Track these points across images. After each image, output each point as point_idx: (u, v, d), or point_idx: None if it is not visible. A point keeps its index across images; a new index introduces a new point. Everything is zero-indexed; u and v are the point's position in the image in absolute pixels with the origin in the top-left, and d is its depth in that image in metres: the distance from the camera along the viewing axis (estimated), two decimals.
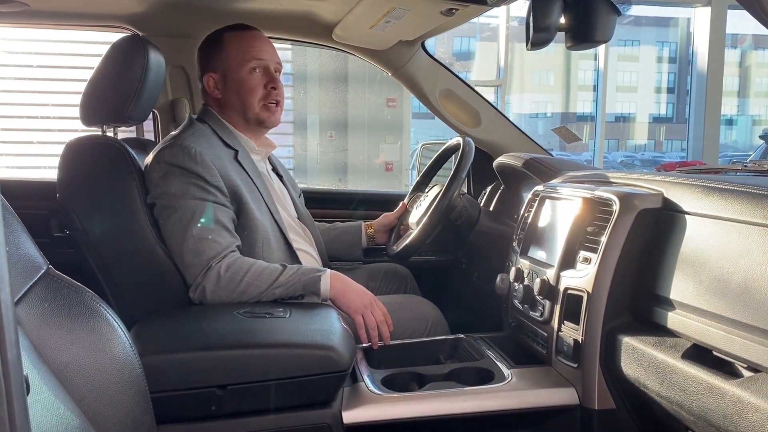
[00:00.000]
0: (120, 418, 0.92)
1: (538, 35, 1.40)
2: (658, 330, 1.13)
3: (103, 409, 0.89)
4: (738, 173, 1.58)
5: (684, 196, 1.14)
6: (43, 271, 0.91)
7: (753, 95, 14.06)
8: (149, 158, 1.55)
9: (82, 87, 1.64)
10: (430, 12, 1.72)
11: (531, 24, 1.41)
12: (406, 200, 2.02)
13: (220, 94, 1.68)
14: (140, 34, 1.99)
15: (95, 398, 0.89)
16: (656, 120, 14.58)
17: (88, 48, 4.61)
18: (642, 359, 1.11)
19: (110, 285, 1.49)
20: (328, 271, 1.49)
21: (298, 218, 1.79)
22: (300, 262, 1.63)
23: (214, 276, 1.44)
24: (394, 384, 1.35)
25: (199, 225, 1.46)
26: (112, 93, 1.58)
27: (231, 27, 1.71)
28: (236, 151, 1.63)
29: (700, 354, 1.02)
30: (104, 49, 1.62)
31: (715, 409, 0.94)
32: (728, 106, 13.19)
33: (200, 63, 1.73)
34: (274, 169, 1.84)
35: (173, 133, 1.62)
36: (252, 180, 1.62)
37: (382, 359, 1.49)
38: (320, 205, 2.14)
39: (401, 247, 1.77)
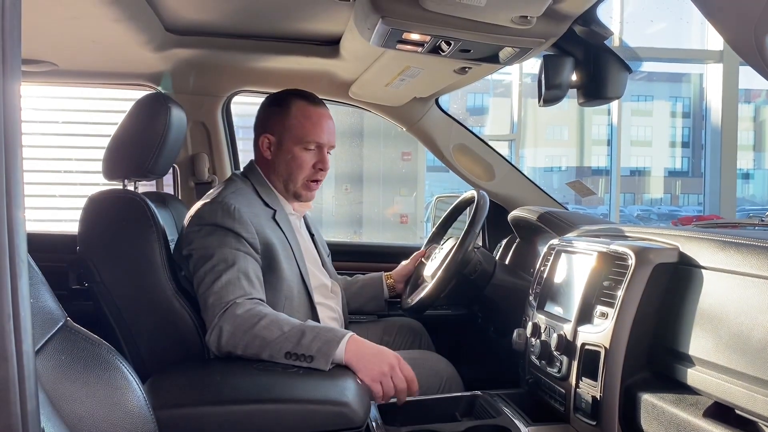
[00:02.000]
0: None
1: (550, 92, 1.43)
2: (678, 387, 1.11)
3: None
4: (756, 227, 1.57)
5: (700, 251, 1.13)
6: (61, 323, 0.92)
7: None
8: (189, 214, 1.57)
9: (103, 142, 1.69)
10: (443, 70, 1.77)
11: (543, 81, 1.45)
12: (423, 248, 2.02)
13: (270, 156, 1.69)
14: (163, 91, 2.06)
15: None
16: (672, 174, 14.55)
17: (110, 104, 4.74)
18: (662, 417, 1.09)
19: (126, 337, 1.49)
20: (350, 334, 1.39)
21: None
22: (319, 320, 1.62)
23: (230, 316, 1.39)
24: None
25: (230, 271, 1.45)
26: (134, 148, 1.62)
27: (299, 94, 1.71)
28: (275, 211, 1.64)
29: (722, 412, 1.00)
30: (125, 106, 1.68)
31: None
32: (744, 160, 13.16)
33: (260, 119, 1.73)
34: (307, 228, 1.86)
35: (214, 190, 1.64)
36: (287, 240, 1.63)
37: (397, 416, 1.47)
38: (335, 257, 2.14)
39: (416, 300, 1.76)
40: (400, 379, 1.37)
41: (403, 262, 2.01)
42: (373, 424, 1.38)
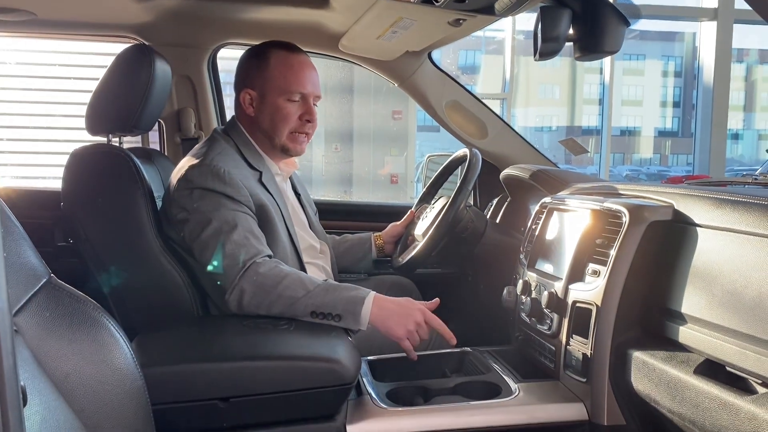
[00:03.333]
0: (120, 430, 0.90)
1: (546, 45, 1.39)
2: (669, 344, 1.11)
3: (104, 421, 0.88)
4: (747, 186, 1.56)
5: (695, 208, 1.12)
6: (44, 280, 0.90)
7: (759, 109, 14.02)
8: (176, 176, 1.52)
9: (87, 98, 1.63)
10: (437, 22, 1.72)
11: (539, 34, 1.40)
12: (414, 208, 2.00)
13: (253, 112, 1.62)
14: (147, 43, 1.99)
15: (95, 410, 0.87)
16: (662, 134, 14.54)
17: (94, 59, 4.63)
18: (653, 374, 1.09)
19: (113, 295, 1.48)
20: (372, 293, 1.40)
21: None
22: None
23: (253, 276, 1.38)
24: (399, 397, 1.33)
25: (236, 232, 1.43)
26: (118, 102, 1.58)
27: (278, 45, 1.64)
28: (260, 173, 1.60)
29: (713, 369, 1.00)
30: (109, 61, 1.62)
31: (729, 426, 0.92)
32: (734, 120, 13.15)
33: (240, 76, 1.66)
34: (293, 187, 1.83)
35: (198, 150, 1.58)
36: (276, 202, 1.60)
37: (386, 372, 1.47)
38: (325, 216, 2.13)
39: (407, 259, 1.75)
40: (425, 333, 1.41)
41: (394, 223, 1.99)
42: (364, 380, 1.39)
